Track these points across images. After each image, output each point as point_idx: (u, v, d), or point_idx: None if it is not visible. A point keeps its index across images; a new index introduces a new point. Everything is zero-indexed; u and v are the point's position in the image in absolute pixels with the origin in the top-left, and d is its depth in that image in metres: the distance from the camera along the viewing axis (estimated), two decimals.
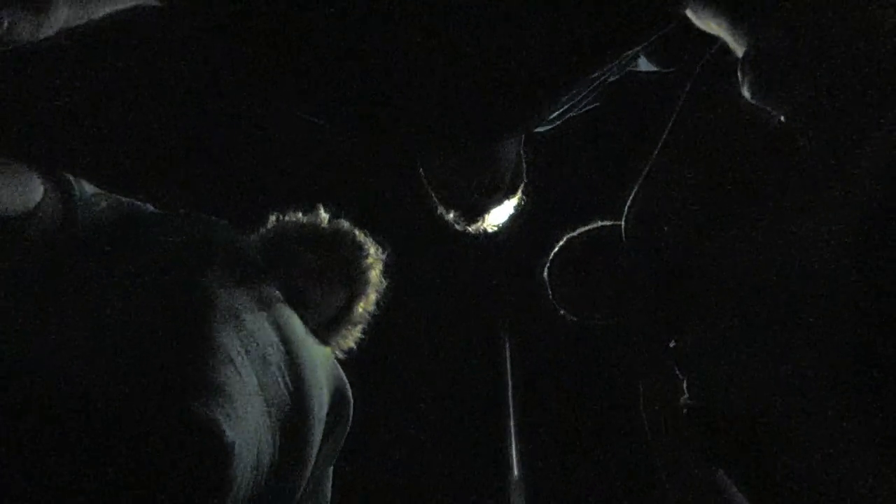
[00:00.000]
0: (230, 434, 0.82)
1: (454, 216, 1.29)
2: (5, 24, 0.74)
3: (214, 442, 0.80)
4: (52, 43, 0.83)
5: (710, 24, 0.98)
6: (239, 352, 0.96)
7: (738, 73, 0.88)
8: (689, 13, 0.99)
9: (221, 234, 1.23)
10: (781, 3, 0.91)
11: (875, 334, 0.88)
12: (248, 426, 0.90)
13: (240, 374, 0.92)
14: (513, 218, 1.35)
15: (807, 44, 0.86)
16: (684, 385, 1.19)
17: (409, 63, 0.83)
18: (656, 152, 1.19)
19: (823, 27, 0.89)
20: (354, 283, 1.52)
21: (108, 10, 0.88)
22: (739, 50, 0.92)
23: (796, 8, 0.91)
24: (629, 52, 0.99)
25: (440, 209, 1.30)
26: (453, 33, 0.81)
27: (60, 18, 0.81)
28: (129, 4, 0.89)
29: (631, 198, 1.23)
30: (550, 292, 1.38)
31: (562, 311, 1.38)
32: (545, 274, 1.38)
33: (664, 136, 1.17)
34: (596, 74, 0.99)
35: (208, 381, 0.85)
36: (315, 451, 1.15)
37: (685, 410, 1.17)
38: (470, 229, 1.34)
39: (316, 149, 2.65)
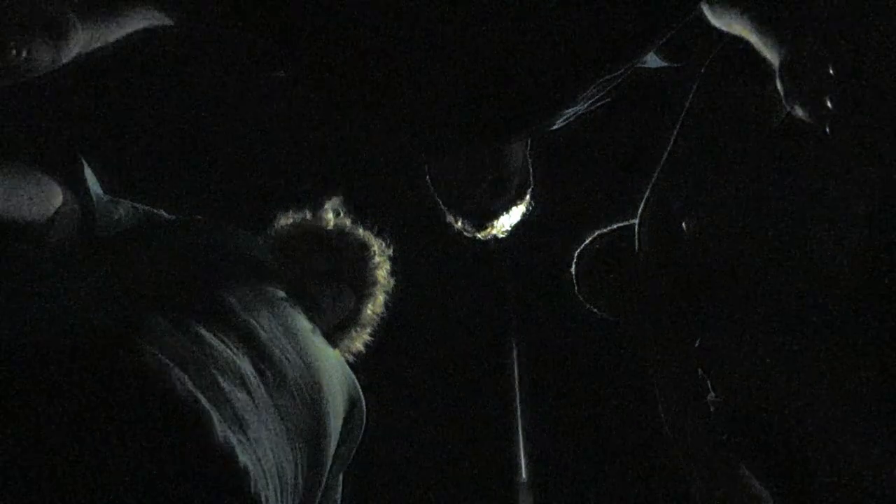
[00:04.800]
0: (243, 458, 0.81)
1: (462, 224, 1.28)
2: (24, 52, 0.74)
3: (227, 467, 0.79)
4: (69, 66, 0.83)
5: (732, 27, 0.96)
6: (252, 373, 0.94)
7: (778, 83, 0.86)
8: (708, 14, 0.98)
9: (235, 240, 1.23)
10: (815, 10, 0.90)
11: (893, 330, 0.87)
12: (263, 449, 0.89)
13: (252, 396, 0.92)
14: (521, 223, 1.35)
15: (844, 52, 0.84)
16: (709, 383, 1.17)
17: (424, 55, 0.83)
18: (666, 154, 1.17)
19: (860, 36, 0.88)
20: (362, 284, 1.50)
21: (122, 32, 0.89)
22: (768, 53, 0.91)
23: (831, 16, 0.90)
24: (649, 50, 0.98)
25: (449, 218, 1.28)
26: (471, 26, 0.80)
27: (79, 44, 0.82)
28: (141, 26, 0.90)
29: (644, 200, 1.22)
30: (577, 287, 1.37)
31: (588, 306, 1.37)
32: (573, 269, 1.37)
33: (674, 137, 1.16)
34: (613, 75, 0.98)
35: (218, 406, 0.83)
36: (330, 460, 1.13)
37: (712, 408, 1.15)
38: (479, 236, 1.33)
39: (320, 146, 2.65)
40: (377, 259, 1.53)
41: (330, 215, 1.52)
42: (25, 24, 0.74)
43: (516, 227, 1.36)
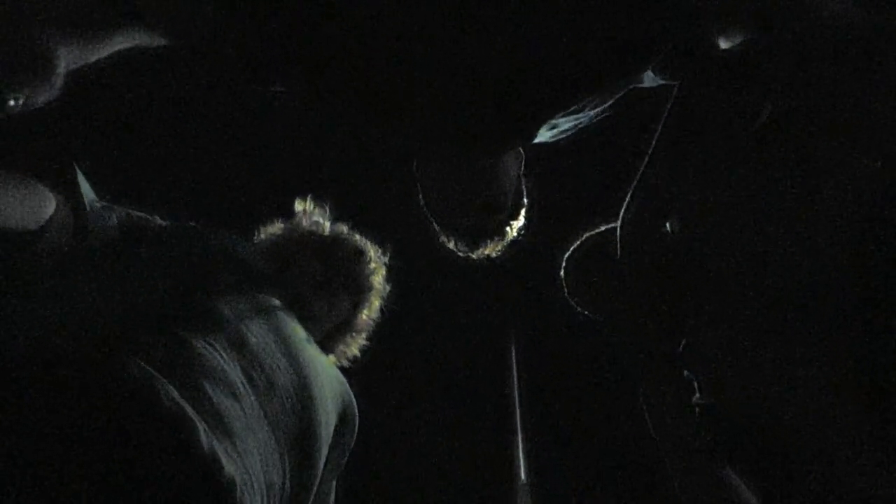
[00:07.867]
0: (229, 468, 0.80)
1: (455, 244, 1.27)
2: (21, 99, 0.76)
3: (212, 477, 0.78)
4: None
5: None
6: (242, 380, 0.94)
7: None
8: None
9: (229, 247, 1.22)
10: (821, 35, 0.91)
11: (877, 333, 0.87)
12: (252, 458, 0.89)
13: (240, 404, 0.91)
14: (514, 242, 1.34)
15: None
16: (695, 385, 1.17)
17: (424, 61, 0.83)
18: (648, 156, 1.18)
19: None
20: (357, 289, 1.51)
21: (105, 52, 0.88)
22: None
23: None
24: (641, 71, 0.98)
25: (442, 238, 1.28)
26: (472, 31, 0.80)
27: (62, 71, 0.82)
28: (127, 45, 0.89)
29: (625, 203, 1.22)
30: (566, 290, 1.37)
31: (578, 309, 1.37)
32: (561, 272, 1.37)
33: (656, 138, 1.16)
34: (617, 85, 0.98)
35: (205, 416, 0.83)
36: (322, 468, 1.13)
37: (697, 410, 1.15)
38: (473, 256, 1.32)
39: (315, 152, 2.66)
40: (373, 265, 1.52)
41: (326, 222, 1.52)
42: (19, 70, 0.75)
43: (509, 246, 1.35)
